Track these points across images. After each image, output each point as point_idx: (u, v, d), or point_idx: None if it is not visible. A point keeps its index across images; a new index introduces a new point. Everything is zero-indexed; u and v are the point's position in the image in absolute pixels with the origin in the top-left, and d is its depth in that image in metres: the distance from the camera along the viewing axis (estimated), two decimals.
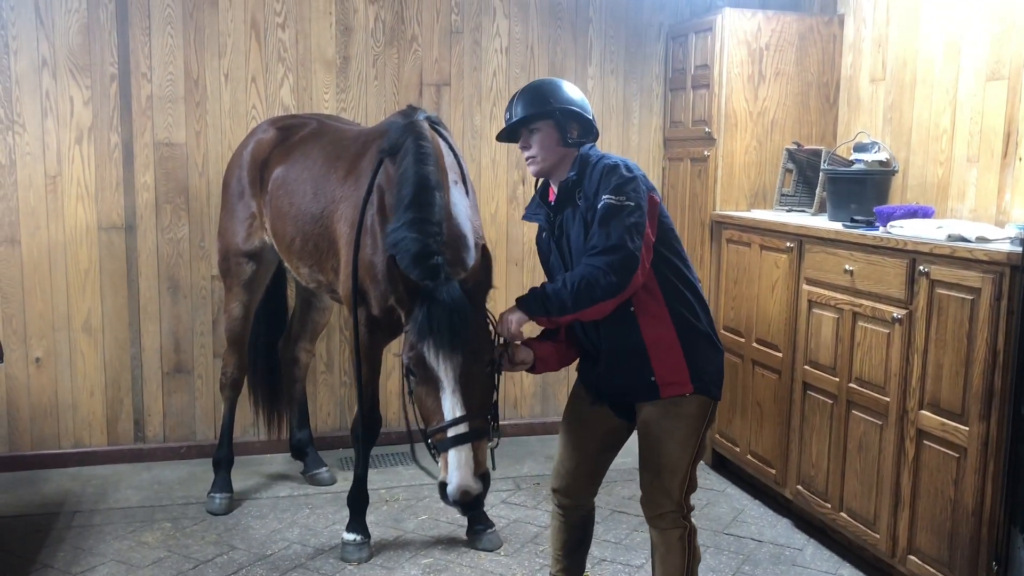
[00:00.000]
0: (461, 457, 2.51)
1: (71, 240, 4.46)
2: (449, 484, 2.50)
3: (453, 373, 2.55)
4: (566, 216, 2.67)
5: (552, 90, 2.70)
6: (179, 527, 3.91)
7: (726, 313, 4.50)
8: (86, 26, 4.37)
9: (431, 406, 2.59)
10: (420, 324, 2.57)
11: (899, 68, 4.17)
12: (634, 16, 5.06)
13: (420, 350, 2.57)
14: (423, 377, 2.59)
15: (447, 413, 2.54)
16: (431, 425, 2.59)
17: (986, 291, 2.89)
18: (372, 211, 3.39)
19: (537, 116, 2.65)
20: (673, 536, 2.69)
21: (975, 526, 2.97)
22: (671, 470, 2.65)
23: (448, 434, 2.53)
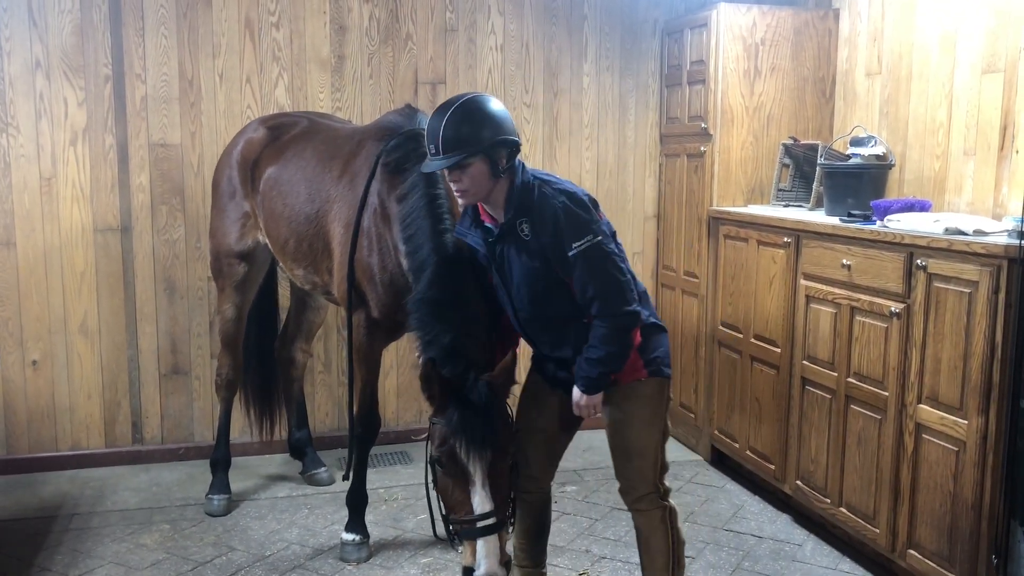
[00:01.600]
0: (489, 546, 2.63)
1: (67, 242, 4.45)
2: (478, 569, 2.62)
3: (483, 470, 2.66)
4: (507, 249, 2.71)
5: (479, 122, 2.61)
6: (177, 529, 3.90)
7: (724, 309, 4.50)
8: (79, 27, 4.36)
9: (459, 498, 2.70)
10: (455, 424, 2.66)
11: (895, 62, 4.16)
12: (629, 12, 5.05)
13: (452, 446, 2.66)
14: (452, 471, 2.69)
15: (477, 508, 2.66)
16: (457, 515, 2.71)
17: (984, 284, 2.88)
18: (369, 212, 3.37)
19: (467, 156, 2.59)
20: (655, 517, 2.80)
21: (975, 520, 2.97)
22: (640, 452, 2.78)
23: (477, 526, 2.65)
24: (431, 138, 2.66)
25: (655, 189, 5.20)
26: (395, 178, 3.27)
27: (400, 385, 4.96)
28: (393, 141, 3.34)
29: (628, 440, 2.79)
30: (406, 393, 4.97)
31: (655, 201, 5.20)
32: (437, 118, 2.65)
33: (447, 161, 2.60)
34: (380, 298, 3.37)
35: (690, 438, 4.95)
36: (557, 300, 2.69)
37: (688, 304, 4.88)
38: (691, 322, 4.84)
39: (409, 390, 4.97)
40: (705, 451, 4.77)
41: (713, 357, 4.62)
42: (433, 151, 2.65)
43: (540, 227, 2.62)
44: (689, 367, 4.89)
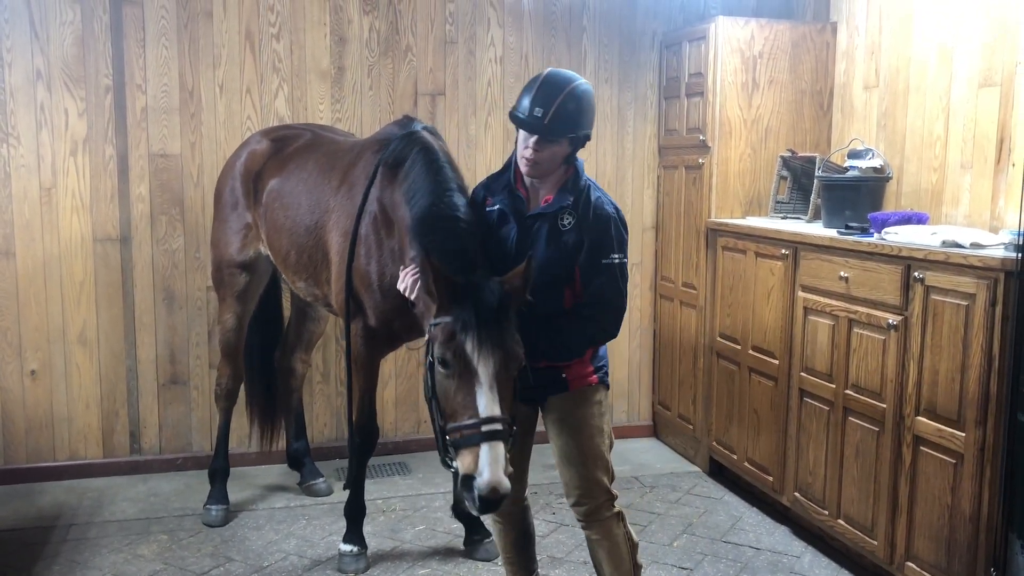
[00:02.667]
0: (495, 453, 2.41)
1: (66, 252, 4.46)
2: (480, 477, 2.39)
3: (492, 370, 2.47)
4: (541, 228, 2.72)
5: (588, 111, 2.70)
6: (175, 539, 3.90)
7: (722, 320, 4.51)
8: (80, 38, 4.37)
9: (463, 401, 2.48)
10: (466, 315, 2.49)
11: (892, 75, 4.19)
12: (628, 25, 5.08)
13: (461, 341, 2.48)
14: (459, 370, 2.49)
15: (483, 410, 2.44)
16: (458, 420, 2.48)
17: (981, 297, 2.90)
18: (367, 220, 3.38)
19: (567, 136, 2.66)
20: (611, 526, 2.79)
21: (973, 532, 2.97)
22: (595, 458, 2.76)
23: (482, 429, 2.43)
24: (540, 102, 2.62)
25: (653, 200, 5.21)
26: (395, 172, 3.27)
27: (399, 395, 4.96)
28: (391, 145, 3.36)
29: (583, 446, 2.75)
30: (404, 403, 4.97)
31: (653, 212, 5.22)
32: (552, 88, 2.64)
33: (549, 131, 2.62)
34: (378, 305, 3.37)
35: (688, 449, 4.95)
36: (553, 296, 2.72)
37: (686, 315, 4.88)
38: (689, 333, 4.84)
39: (408, 400, 4.97)
40: (703, 462, 4.77)
41: (711, 368, 4.63)
42: (540, 114, 2.61)
43: (586, 224, 2.69)
44: (687, 378, 4.90)
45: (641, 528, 4.04)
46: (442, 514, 4.15)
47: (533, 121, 2.63)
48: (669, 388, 5.13)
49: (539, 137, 2.64)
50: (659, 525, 4.08)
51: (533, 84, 2.69)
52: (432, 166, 3.14)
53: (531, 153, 2.66)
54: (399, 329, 3.43)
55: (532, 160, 2.67)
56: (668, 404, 5.15)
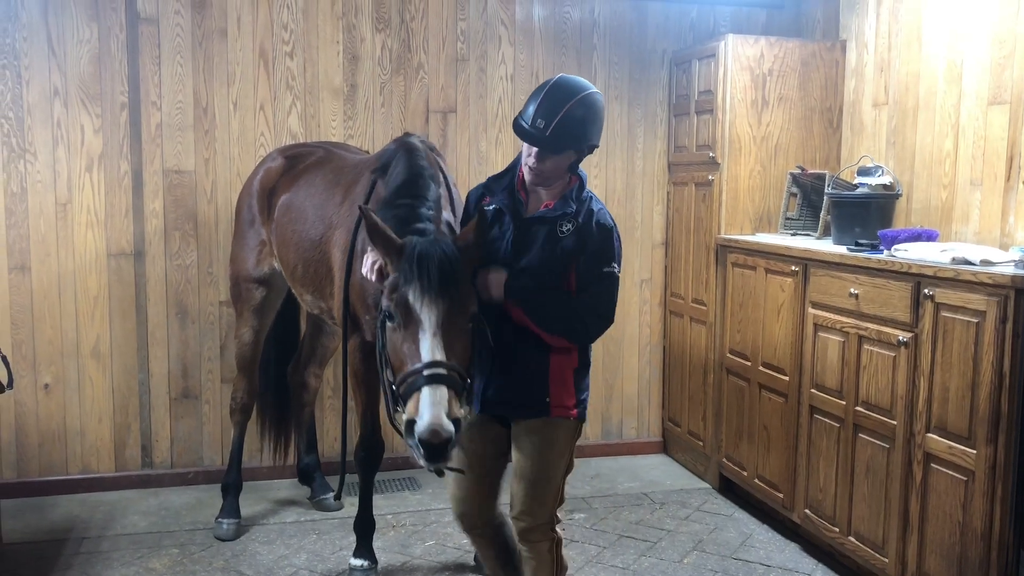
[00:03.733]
0: (436, 395, 2.34)
1: (80, 267, 4.50)
2: (419, 420, 2.32)
3: (436, 317, 2.44)
4: (539, 231, 2.71)
5: (593, 121, 2.66)
6: (186, 553, 3.91)
7: (732, 336, 4.51)
8: (97, 56, 4.43)
9: (408, 351, 2.44)
10: (406, 267, 2.49)
11: (901, 93, 4.21)
12: (638, 43, 5.12)
13: (404, 292, 2.47)
14: (403, 320, 2.47)
15: (425, 355, 2.40)
16: (404, 370, 2.43)
17: (991, 314, 2.90)
18: (364, 235, 3.40)
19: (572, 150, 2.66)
20: (543, 548, 2.77)
21: (984, 550, 2.96)
22: (547, 480, 2.74)
23: (424, 374, 2.37)
24: (544, 113, 2.58)
25: (663, 217, 5.23)
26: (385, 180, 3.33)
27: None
28: (383, 155, 3.42)
29: (539, 467, 2.71)
30: None
31: (663, 229, 5.23)
32: (557, 98, 2.59)
33: (549, 144, 2.59)
34: (374, 320, 3.39)
35: (698, 465, 4.94)
36: None
37: (696, 331, 4.89)
38: (699, 349, 4.85)
39: None
40: (713, 479, 4.77)
41: (721, 384, 4.63)
42: (541, 125, 2.57)
43: (588, 233, 2.68)
44: (697, 394, 4.90)
45: (651, 545, 4.03)
46: (452, 529, 4.15)
47: (535, 132, 2.59)
48: (679, 404, 5.13)
49: (539, 149, 2.63)
50: (669, 542, 4.07)
51: (540, 91, 2.65)
52: (409, 161, 3.20)
53: (533, 163, 2.65)
54: None
55: (535, 170, 2.67)
56: (678, 420, 5.15)
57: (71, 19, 4.38)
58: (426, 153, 3.33)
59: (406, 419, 2.37)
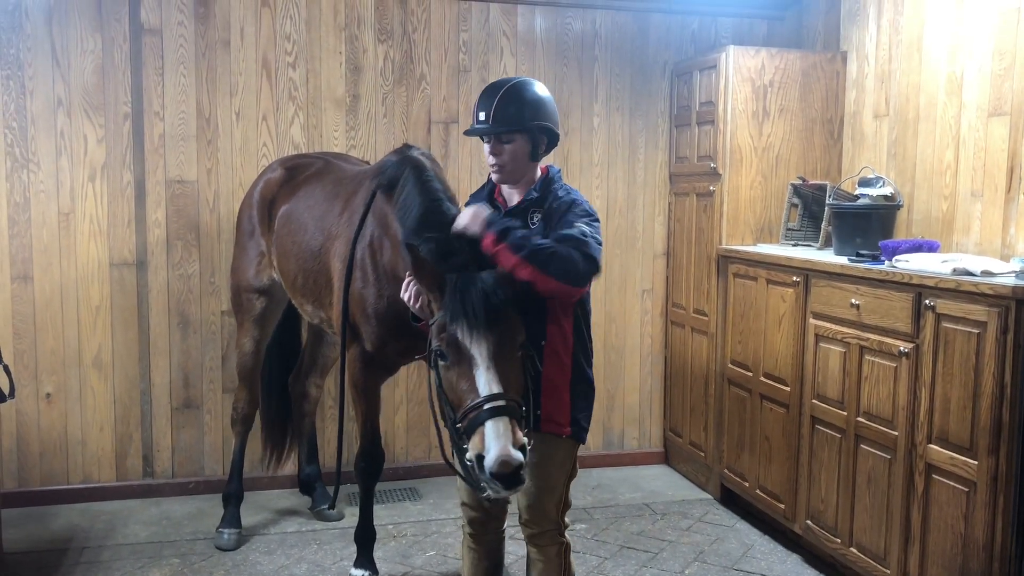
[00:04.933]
0: (499, 427, 2.37)
1: (83, 276, 4.51)
2: (487, 453, 2.35)
3: (488, 351, 2.47)
4: None
5: (533, 103, 2.75)
6: (187, 563, 3.91)
7: (733, 347, 4.51)
8: (101, 67, 4.45)
9: (464, 387, 2.47)
10: (453, 305, 2.51)
11: (902, 104, 4.22)
12: (639, 54, 5.14)
13: (452, 331, 2.50)
14: (455, 359, 2.50)
15: (482, 389, 2.43)
16: (463, 407, 2.46)
17: (992, 325, 2.90)
18: (363, 244, 3.42)
19: (515, 130, 2.73)
20: (551, 552, 2.79)
21: (986, 561, 2.95)
22: (549, 491, 2.74)
23: (484, 408, 2.40)
24: (483, 107, 2.76)
25: (664, 227, 5.24)
26: (390, 195, 3.32)
27: (409, 420, 4.97)
28: (386, 171, 3.40)
29: (539, 479, 2.71)
30: (415, 429, 4.98)
31: (664, 239, 5.24)
32: (491, 91, 2.77)
33: (492, 129, 2.72)
34: (373, 330, 3.40)
35: (700, 476, 4.94)
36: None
37: (697, 342, 4.89)
38: (701, 360, 4.85)
39: (418, 426, 4.98)
40: (715, 489, 4.76)
41: (723, 395, 4.63)
42: (482, 119, 2.75)
43: (551, 213, 2.71)
44: (699, 405, 4.90)
45: (652, 555, 4.03)
46: (453, 540, 4.15)
47: (478, 125, 2.76)
48: (680, 415, 5.13)
49: (491, 139, 2.73)
50: (670, 553, 4.07)
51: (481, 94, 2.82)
52: (421, 181, 3.17)
53: (489, 157, 2.77)
54: (392, 353, 3.46)
55: (494, 164, 2.76)
56: (679, 431, 5.14)
57: (75, 30, 4.40)
58: (435, 171, 3.31)
59: (474, 455, 2.40)
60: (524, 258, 2.52)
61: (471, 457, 2.41)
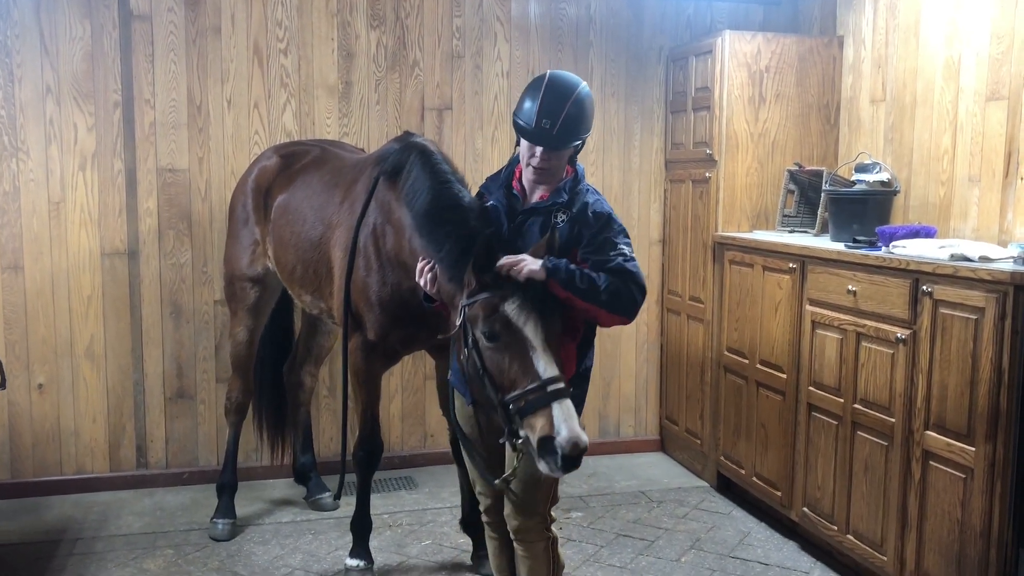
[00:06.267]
0: (567, 409, 2.38)
1: (74, 266, 4.47)
2: (558, 435, 2.34)
3: (542, 334, 2.47)
4: (532, 224, 2.73)
5: (591, 114, 2.75)
6: (181, 554, 3.89)
7: (729, 335, 4.49)
8: (90, 54, 4.40)
9: (519, 369, 2.45)
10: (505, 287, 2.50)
11: (899, 89, 4.19)
12: (635, 39, 5.10)
13: (506, 311, 2.48)
14: (507, 340, 2.47)
15: (543, 372, 2.41)
16: (519, 388, 2.43)
17: (990, 311, 2.88)
18: (365, 232, 3.39)
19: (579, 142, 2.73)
20: (539, 547, 2.78)
21: (983, 547, 2.95)
22: (534, 483, 2.72)
23: (548, 390, 2.39)
24: (548, 113, 2.63)
25: (660, 214, 5.21)
26: (395, 181, 3.29)
27: (404, 409, 4.95)
28: (390, 157, 3.37)
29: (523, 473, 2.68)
30: (411, 417, 4.96)
31: (660, 226, 5.21)
32: (558, 97, 2.66)
33: (558, 142, 2.66)
34: (377, 319, 3.38)
35: (696, 464, 4.93)
36: None
37: (694, 329, 4.87)
38: (697, 347, 4.83)
39: (414, 414, 4.96)
40: (711, 477, 4.75)
41: (719, 383, 4.62)
42: (548, 125, 2.64)
43: (583, 223, 2.69)
44: (695, 393, 4.88)
45: (648, 543, 4.02)
46: (449, 529, 4.14)
47: (541, 133, 2.65)
48: (676, 402, 5.11)
49: (546, 148, 2.66)
50: (666, 540, 4.06)
51: (536, 91, 2.68)
52: (429, 165, 3.13)
53: (539, 162, 2.69)
54: (396, 341, 3.44)
55: (542, 169, 2.70)
56: (675, 419, 5.13)
57: (63, 16, 4.35)
58: (443, 156, 3.26)
59: (540, 436, 2.38)
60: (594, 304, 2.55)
61: (535, 438, 2.39)
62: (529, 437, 2.42)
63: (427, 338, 3.46)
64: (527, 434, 2.42)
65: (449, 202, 2.93)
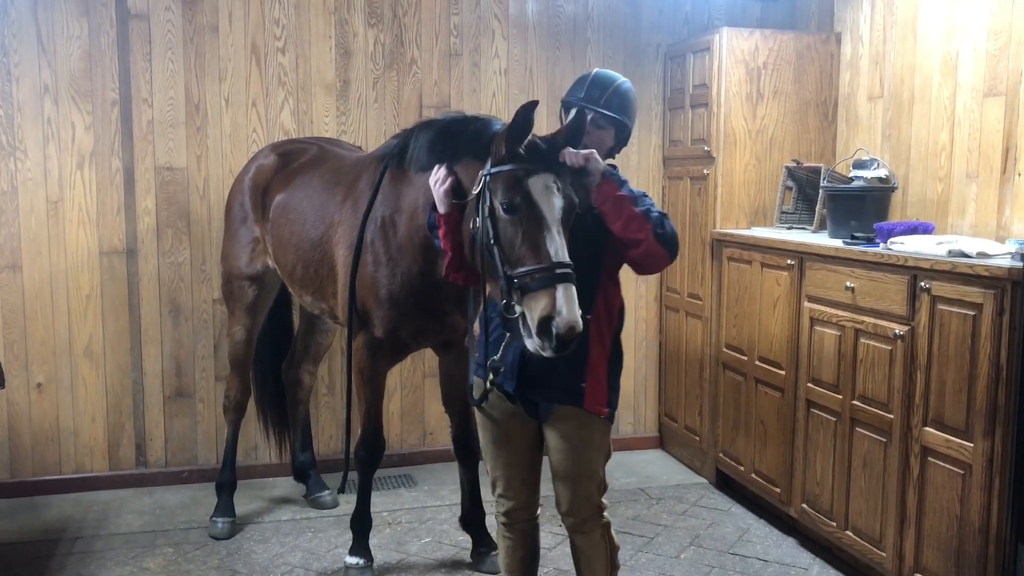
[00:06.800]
0: (571, 293, 2.39)
1: (72, 265, 4.47)
2: (558, 315, 2.36)
3: (559, 215, 2.46)
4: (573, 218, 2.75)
5: (634, 106, 2.96)
6: (181, 552, 3.89)
7: (728, 331, 4.50)
8: (87, 52, 4.40)
9: (530, 246, 2.44)
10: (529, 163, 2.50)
11: (897, 85, 4.19)
12: (632, 37, 5.09)
13: (528, 187, 2.46)
14: (525, 214, 2.45)
15: (554, 253, 2.41)
16: (527, 265, 2.43)
17: (988, 307, 2.89)
18: (373, 227, 3.38)
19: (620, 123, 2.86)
20: (596, 536, 2.81)
21: (982, 543, 2.95)
22: (589, 476, 2.76)
23: (556, 271, 2.40)
24: (598, 87, 2.86)
25: None
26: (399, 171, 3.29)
27: (404, 407, 4.95)
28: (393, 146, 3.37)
29: (580, 466, 2.73)
30: (410, 415, 4.96)
31: None
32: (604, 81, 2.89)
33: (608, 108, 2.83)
34: (386, 314, 3.37)
35: (695, 461, 4.93)
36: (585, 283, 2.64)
37: (692, 326, 4.88)
38: (695, 344, 4.83)
39: (413, 412, 4.96)
40: (710, 474, 4.76)
41: (718, 379, 4.62)
42: (596, 94, 2.85)
43: None
44: (694, 389, 4.89)
45: (648, 540, 4.02)
46: (448, 526, 4.14)
47: (590, 99, 2.84)
48: (675, 399, 5.12)
49: (592, 118, 2.77)
50: (666, 537, 4.06)
51: (584, 80, 2.91)
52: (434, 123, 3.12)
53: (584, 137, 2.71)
54: (406, 337, 3.44)
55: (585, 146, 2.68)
56: (674, 415, 5.14)
57: (61, 15, 4.35)
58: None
59: (540, 315, 2.39)
60: (643, 213, 2.57)
61: (535, 316, 2.40)
62: (527, 315, 2.43)
63: (438, 330, 3.47)
64: (525, 312, 2.43)
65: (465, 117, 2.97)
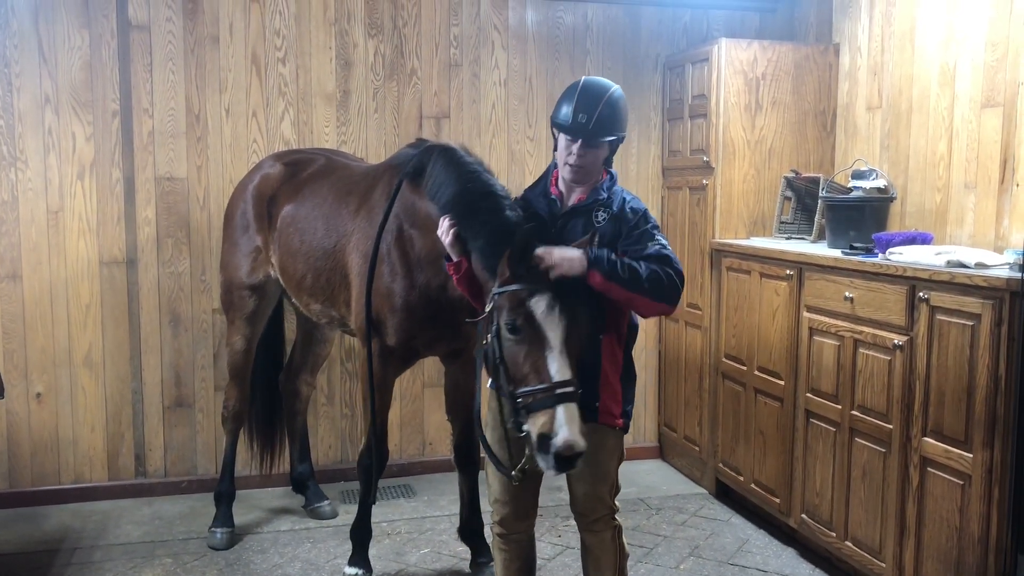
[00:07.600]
0: (572, 413, 2.45)
1: (72, 275, 4.47)
2: (556, 436, 2.42)
3: (562, 335, 2.52)
4: (574, 224, 2.80)
5: (625, 114, 2.85)
6: (180, 563, 3.88)
7: (727, 341, 4.50)
8: (88, 63, 4.41)
9: (533, 366, 2.51)
10: (534, 283, 2.55)
11: (895, 96, 4.20)
12: (631, 48, 5.11)
13: (530, 307, 2.52)
14: (528, 336, 2.52)
15: (555, 374, 2.48)
16: (529, 385, 2.50)
17: (986, 317, 2.89)
18: (389, 239, 3.39)
19: (613, 140, 2.80)
20: (607, 536, 2.87)
21: (981, 554, 2.95)
22: (603, 479, 2.82)
23: (556, 392, 2.46)
24: (583, 109, 2.74)
25: (658, 221, 5.20)
26: (417, 181, 3.30)
27: (403, 417, 4.95)
28: (410, 161, 3.37)
29: (593, 467, 2.75)
30: (409, 425, 4.96)
31: None
32: (593, 95, 2.76)
33: (593, 135, 2.74)
34: (400, 323, 3.38)
35: (695, 471, 4.93)
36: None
37: (691, 336, 4.88)
38: (695, 354, 4.84)
39: (412, 422, 4.96)
40: (710, 484, 4.75)
41: (717, 389, 4.62)
42: (584, 120, 2.73)
43: (623, 220, 2.77)
44: (693, 399, 4.88)
45: (647, 551, 4.02)
46: (447, 537, 4.13)
47: (578, 127, 2.74)
48: (675, 409, 5.11)
49: (583, 142, 2.73)
50: (665, 548, 4.06)
51: (572, 93, 2.79)
52: (453, 159, 3.15)
53: (576, 159, 2.76)
54: (420, 345, 3.47)
55: (578, 165, 2.76)
56: (674, 425, 5.13)
57: (62, 26, 4.37)
58: (466, 150, 3.26)
59: (538, 433, 2.46)
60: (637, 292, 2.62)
61: (534, 433, 2.47)
62: (531, 433, 2.50)
63: (451, 338, 3.49)
64: (530, 429, 2.50)
65: (482, 190, 2.97)
